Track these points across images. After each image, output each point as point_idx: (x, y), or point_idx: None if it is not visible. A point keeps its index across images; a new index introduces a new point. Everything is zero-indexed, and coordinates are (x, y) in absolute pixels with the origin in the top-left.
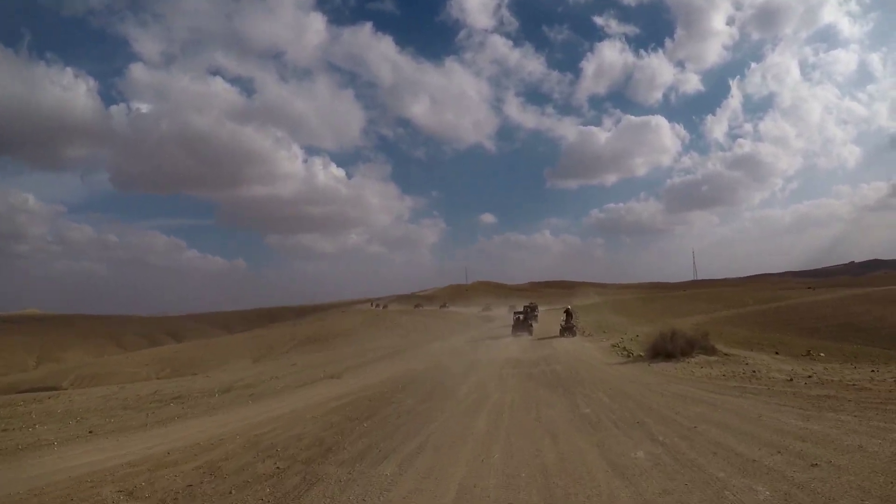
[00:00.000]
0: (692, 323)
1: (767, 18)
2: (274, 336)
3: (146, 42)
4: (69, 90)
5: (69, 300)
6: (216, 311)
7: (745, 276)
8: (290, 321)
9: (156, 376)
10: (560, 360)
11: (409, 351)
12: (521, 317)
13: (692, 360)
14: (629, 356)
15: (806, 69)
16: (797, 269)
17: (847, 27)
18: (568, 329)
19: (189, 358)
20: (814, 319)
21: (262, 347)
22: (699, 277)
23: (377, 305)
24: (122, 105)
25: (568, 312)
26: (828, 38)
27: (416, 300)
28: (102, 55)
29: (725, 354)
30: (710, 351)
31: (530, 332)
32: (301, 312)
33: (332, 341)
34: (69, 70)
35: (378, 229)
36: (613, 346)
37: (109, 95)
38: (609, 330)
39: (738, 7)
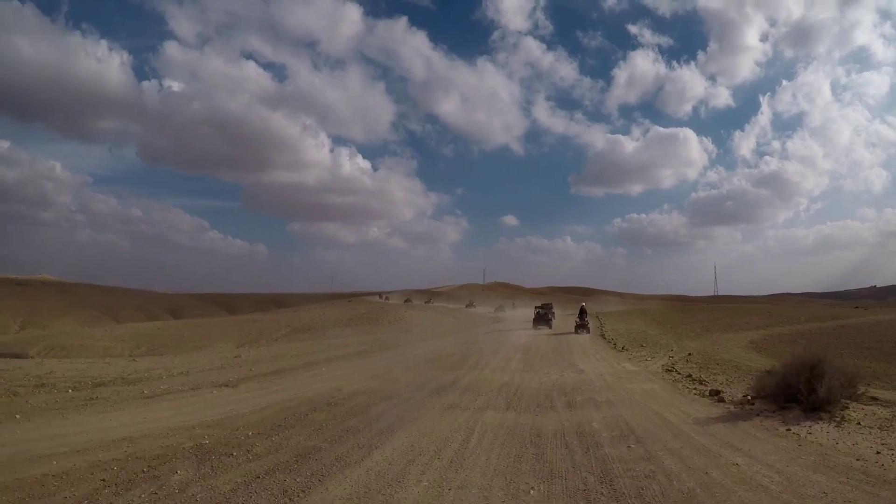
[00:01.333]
0: (748, 339)
1: (801, 37)
2: (269, 321)
3: (182, 21)
4: (103, 62)
5: (88, 270)
6: (228, 292)
7: (766, 294)
8: (294, 308)
9: (129, 354)
10: (597, 401)
11: (387, 351)
12: (542, 311)
13: (849, 412)
14: (715, 397)
15: (837, 90)
16: (818, 291)
17: (881, 50)
18: (583, 326)
19: (170, 337)
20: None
21: (252, 332)
22: (719, 293)
23: (386, 298)
24: (155, 81)
25: (582, 310)
26: (861, 59)
27: (429, 296)
28: (138, 30)
29: (881, 401)
30: (853, 392)
31: (550, 326)
32: (312, 300)
33: (327, 331)
34: (104, 42)
35: (400, 223)
36: (667, 369)
37: (142, 71)
38: (648, 344)
39: (772, 24)
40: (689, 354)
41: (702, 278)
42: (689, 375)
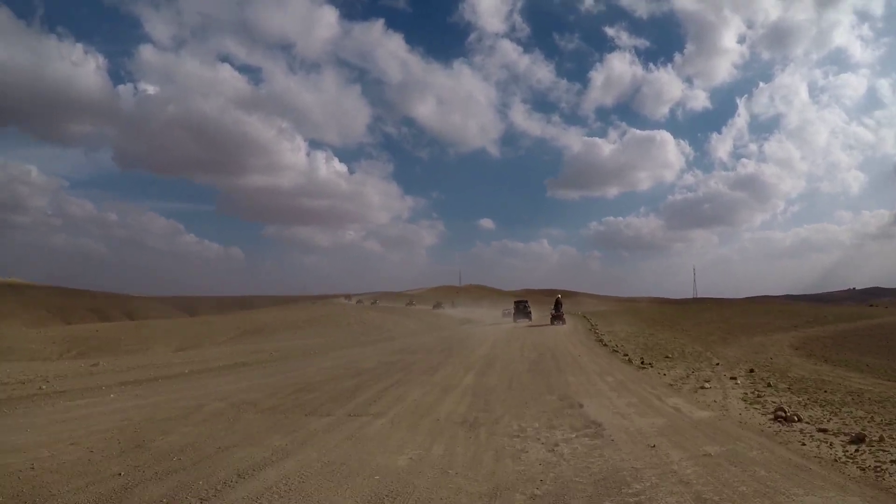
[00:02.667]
0: (788, 343)
1: (779, 39)
2: (219, 323)
3: (157, 24)
4: (78, 66)
5: (63, 274)
6: (198, 295)
7: (744, 296)
8: (256, 310)
9: (58, 356)
10: None
11: (295, 361)
12: (522, 305)
13: None
14: None
15: (814, 92)
16: (797, 293)
17: (858, 51)
18: (558, 317)
19: (106, 339)
20: None
21: (197, 335)
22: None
23: (349, 299)
24: (130, 85)
25: (557, 302)
26: (838, 61)
27: (410, 298)
28: (113, 34)
29: None
30: None
31: (530, 318)
32: (280, 302)
33: (276, 334)
34: (79, 46)
35: (376, 227)
36: (776, 416)
37: (118, 74)
38: (673, 354)
39: (749, 25)
40: (752, 371)
41: (679, 281)
42: (824, 430)
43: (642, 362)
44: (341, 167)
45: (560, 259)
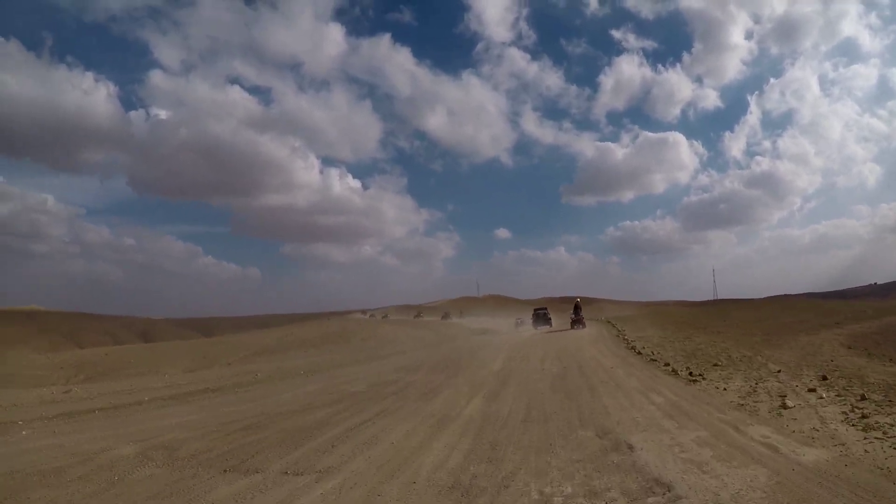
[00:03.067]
0: (839, 343)
1: (787, 32)
2: (231, 344)
3: (166, 49)
4: (89, 94)
5: (82, 300)
6: (216, 315)
7: (765, 296)
8: (272, 329)
9: (65, 381)
10: None
11: (320, 373)
12: (541, 312)
13: None
14: None
15: (825, 84)
16: (818, 291)
17: (867, 41)
18: (578, 321)
19: (116, 362)
20: None
21: (208, 356)
22: (718, 297)
23: (365, 314)
24: (142, 111)
25: (577, 306)
26: (848, 52)
27: (418, 310)
28: (123, 61)
29: None
30: None
31: (550, 324)
32: (297, 320)
33: (289, 352)
34: (89, 74)
35: (392, 241)
36: (865, 425)
37: (129, 101)
38: (721, 361)
39: (756, 20)
40: (825, 378)
41: (698, 283)
42: None
43: (690, 373)
44: (355, 183)
45: (579, 266)
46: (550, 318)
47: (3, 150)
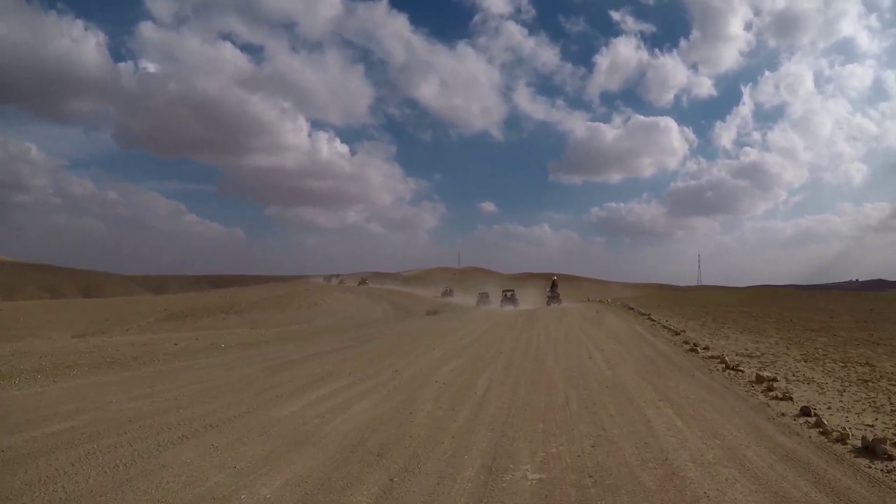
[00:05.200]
0: None
1: (786, 26)
2: (145, 304)
3: (158, 1)
4: (78, 43)
5: (62, 252)
6: (186, 274)
7: (746, 285)
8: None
9: None
10: None
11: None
12: (509, 294)
13: None
14: None
15: (820, 81)
16: (801, 283)
17: (865, 42)
18: (554, 298)
19: (4, 319)
20: None
21: (110, 318)
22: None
23: (331, 279)
24: (131, 63)
25: (553, 283)
26: (845, 51)
27: (362, 278)
28: (113, 10)
29: None
30: None
31: (516, 305)
32: (265, 281)
33: (203, 319)
34: (79, 22)
35: (378, 208)
36: None
37: (118, 52)
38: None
39: (756, 13)
40: None
41: (680, 268)
42: None
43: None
44: (343, 148)
45: (562, 243)
46: (517, 299)
47: None
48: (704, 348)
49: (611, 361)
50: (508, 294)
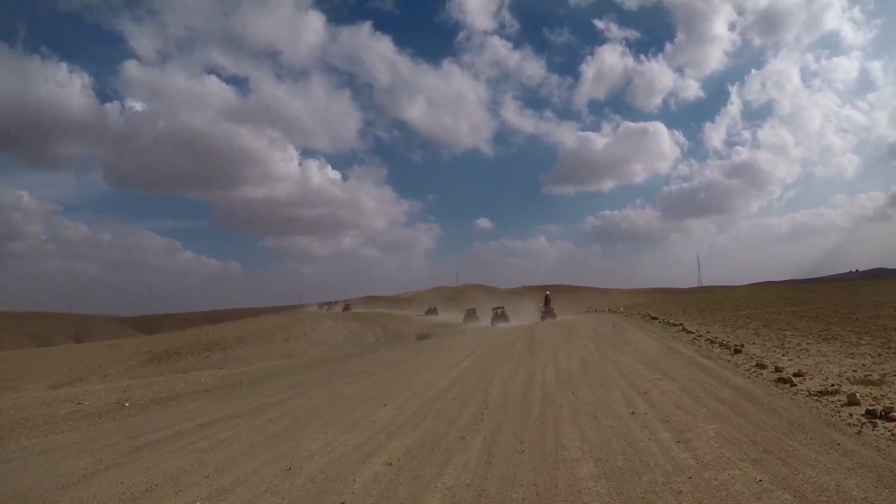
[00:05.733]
0: None
1: (770, 24)
2: (127, 347)
3: (142, 39)
4: (63, 86)
5: (57, 298)
6: (183, 311)
7: (748, 283)
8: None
9: None
10: None
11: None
12: (499, 311)
13: None
14: None
15: (807, 76)
16: (801, 278)
17: (850, 34)
18: (548, 313)
19: None
20: None
21: (93, 363)
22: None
23: (322, 307)
24: (117, 103)
25: (547, 298)
26: (830, 44)
27: (345, 304)
28: (97, 51)
29: None
30: None
31: (507, 321)
32: (259, 313)
33: (186, 359)
34: (63, 65)
35: (373, 232)
36: None
37: (104, 93)
38: None
39: (740, 12)
40: None
41: (679, 271)
42: None
43: None
44: (335, 174)
45: (559, 254)
46: (508, 317)
47: None
48: (796, 375)
49: (671, 420)
50: (499, 311)
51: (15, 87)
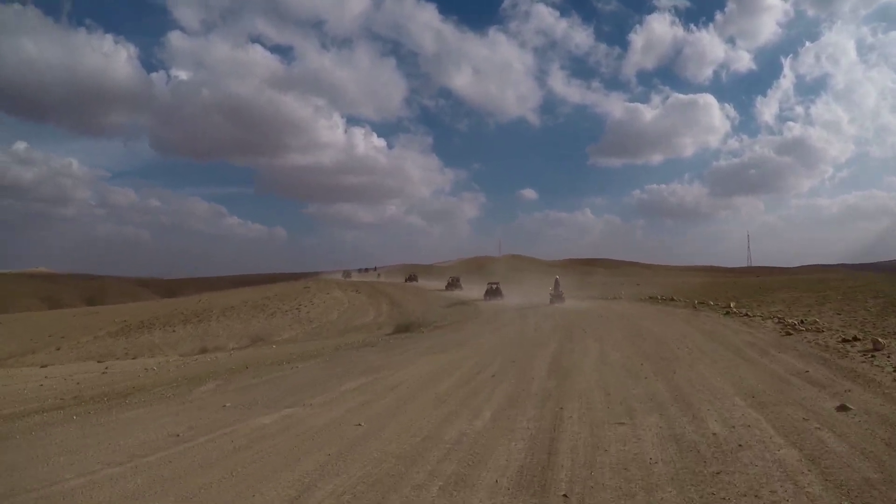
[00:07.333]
0: None
1: None
2: (110, 315)
3: (185, 9)
4: (110, 57)
5: (104, 262)
6: (216, 275)
7: (796, 265)
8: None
9: None
10: None
11: None
12: (493, 287)
13: None
14: None
15: (862, 50)
16: (851, 262)
17: None
18: (557, 297)
19: None
20: None
21: (66, 331)
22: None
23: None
24: (162, 72)
25: (556, 282)
26: (888, 16)
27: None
28: (142, 23)
29: None
30: None
31: (502, 297)
32: (289, 279)
33: (161, 329)
34: (109, 37)
35: (417, 201)
36: None
37: (149, 63)
38: None
39: None
40: None
41: (725, 249)
42: None
43: None
44: (380, 142)
45: (604, 228)
46: (502, 292)
47: (25, 115)
48: None
49: None
50: (493, 287)
51: (63, 59)
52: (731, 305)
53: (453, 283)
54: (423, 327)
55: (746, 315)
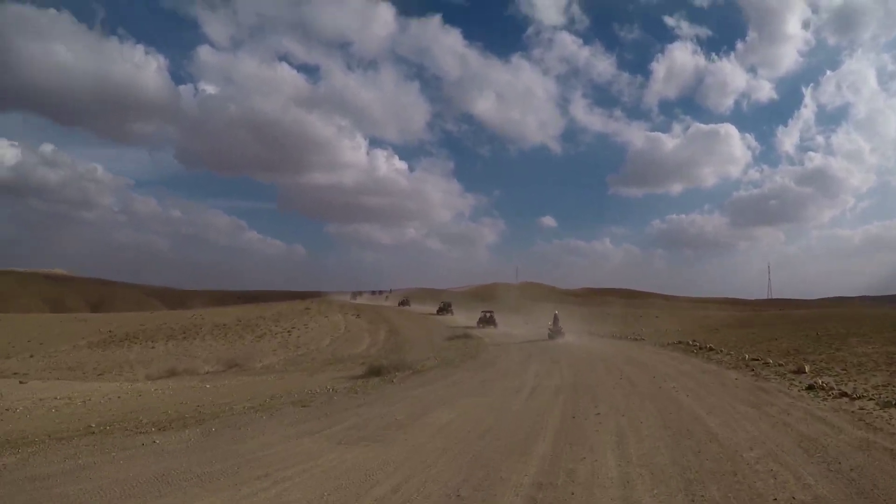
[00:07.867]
0: None
1: (845, 22)
2: (100, 323)
3: (215, 25)
4: (140, 67)
5: (123, 269)
6: (236, 289)
7: (819, 297)
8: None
9: None
10: None
11: None
12: (487, 315)
13: None
14: None
15: (884, 78)
16: (874, 294)
17: None
18: (557, 332)
19: None
20: None
21: (37, 338)
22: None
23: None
24: (190, 85)
25: (556, 317)
26: None
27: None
28: (172, 35)
29: None
30: None
31: (495, 326)
32: (299, 297)
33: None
34: (140, 47)
35: (437, 224)
36: None
37: (178, 75)
38: None
39: (814, 10)
40: None
41: (745, 280)
42: None
43: None
44: (401, 165)
45: (623, 257)
46: (496, 321)
47: (54, 118)
48: None
49: None
50: (487, 315)
51: (94, 65)
52: (806, 369)
53: (445, 308)
54: (399, 371)
55: (846, 395)
